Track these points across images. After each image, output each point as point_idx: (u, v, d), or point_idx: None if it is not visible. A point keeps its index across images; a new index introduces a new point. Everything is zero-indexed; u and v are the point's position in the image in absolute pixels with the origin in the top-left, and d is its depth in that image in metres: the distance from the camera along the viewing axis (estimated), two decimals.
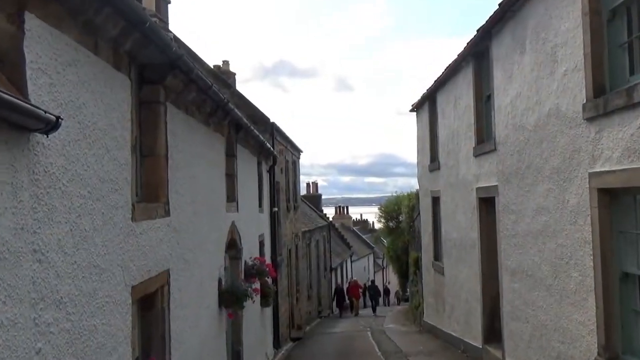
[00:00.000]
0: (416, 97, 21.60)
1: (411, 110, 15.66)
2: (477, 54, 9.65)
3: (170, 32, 7.74)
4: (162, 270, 5.18)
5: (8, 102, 2.52)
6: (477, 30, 8.79)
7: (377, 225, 33.31)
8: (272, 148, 13.44)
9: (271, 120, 15.16)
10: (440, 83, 12.17)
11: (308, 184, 36.68)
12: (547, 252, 6.86)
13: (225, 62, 16.21)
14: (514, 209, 7.96)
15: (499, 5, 7.67)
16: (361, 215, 60.49)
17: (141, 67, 4.89)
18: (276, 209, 14.84)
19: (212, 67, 15.50)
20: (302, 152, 21.93)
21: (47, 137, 3.11)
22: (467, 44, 9.52)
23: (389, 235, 26.41)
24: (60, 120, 2.99)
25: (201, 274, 6.73)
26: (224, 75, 15.38)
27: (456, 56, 10.29)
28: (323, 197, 37.20)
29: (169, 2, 7.70)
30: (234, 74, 16.29)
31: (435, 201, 13.67)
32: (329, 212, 44.71)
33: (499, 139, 8.50)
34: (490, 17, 8.16)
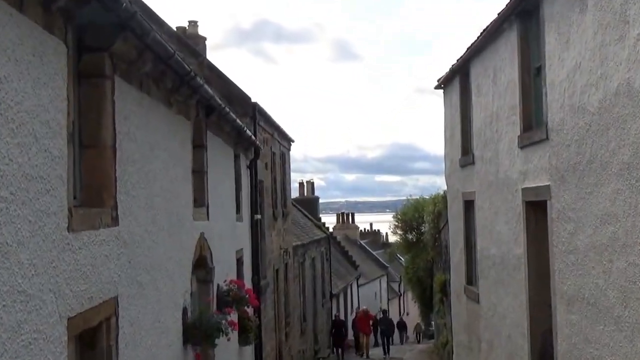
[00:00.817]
0: (443, 69, 21.64)
1: (437, 87, 15.70)
2: (524, 13, 9.66)
3: None
4: (108, 297, 5.17)
5: None
6: None
7: (392, 238, 33.30)
8: (253, 136, 13.45)
9: (252, 100, 15.18)
10: (475, 51, 12.18)
11: (301, 184, 36.75)
12: (615, 273, 6.88)
13: (192, 24, 16.20)
14: (571, 216, 7.98)
15: None
16: (371, 225, 60.61)
17: (81, 30, 4.88)
18: (259, 216, 14.84)
19: (176, 29, 15.50)
20: (293, 142, 21.97)
21: None
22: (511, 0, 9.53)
23: (407, 252, 26.41)
24: None
25: (160, 301, 6.73)
26: (190, 40, 15.38)
27: (496, 16, 10.30)
28: (321, 200, 37.28)
29: None
30: (204, 39, 16.29)
31: (469, 206, 13.69)
32: (329, 220, 44.77)
33: (553, 124, 8.52)
34: None
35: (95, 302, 4.91)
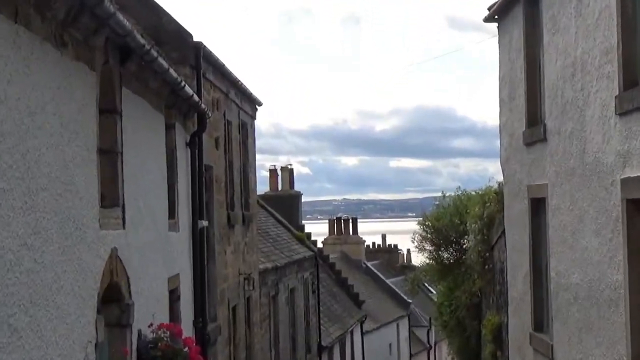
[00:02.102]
0: None
1: (487, 20, 15.68)
2: None
3: None
4: None
5: None
6: None
7: (418, 259, 33.16)
8: (196, 96, 13.38)
9: (195, 39, 15.10)
10: None
11: (273, 171, 36.64)
12: None
13: None
14: None
15: None
16: (384, 237, 60.62)
17: None
18: (206, 222, 14.78)
19: None
20: (260, 105, 21.86)
21: None
22: None
23: (441, 279, 26.41)
24: None
25: (46, 356, 6.69)
26: None
27: None
28: (305, 199, 37.24)
29: None
30: None
31: (538, 207, 13.69)
32: (318, 229, 44.70)
33: None
34: None
35: None
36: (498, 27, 15.65)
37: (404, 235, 46.23)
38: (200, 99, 13.87)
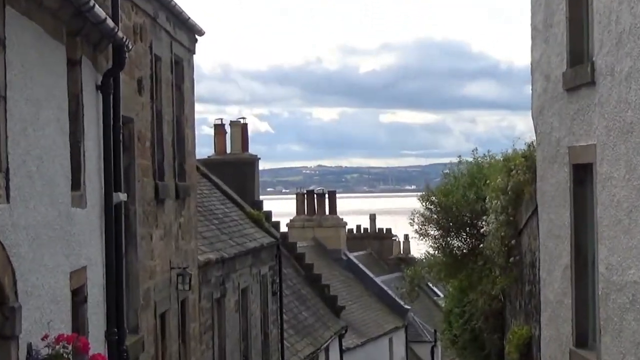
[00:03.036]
0: None
1: None
2: None
3: None
4: None
5: None
6: None
7: (418, 248, 33.17)
8: (110, 20, 13.30)
9: None
10: None
11: (219, 127, 36.61)
12: None
13: None
14: None
15: None
16: (372, 217, 60.77)
17: None
18: (124, 196, 14.80)
19: None
20: (201, 34, 21.82)
21: None
22: None
23: (450, 276, 26.50)
24: None
25: None
26: None
27: None
28: (265, 166, 37.40)
29: None
30: None
31: (582, 176, 13.75)
32: (281, 208, 44.66)
33: None
34: None
35: None
36: None
37: (400, 216, 46.45)
38: (116, 24, 13.81)
